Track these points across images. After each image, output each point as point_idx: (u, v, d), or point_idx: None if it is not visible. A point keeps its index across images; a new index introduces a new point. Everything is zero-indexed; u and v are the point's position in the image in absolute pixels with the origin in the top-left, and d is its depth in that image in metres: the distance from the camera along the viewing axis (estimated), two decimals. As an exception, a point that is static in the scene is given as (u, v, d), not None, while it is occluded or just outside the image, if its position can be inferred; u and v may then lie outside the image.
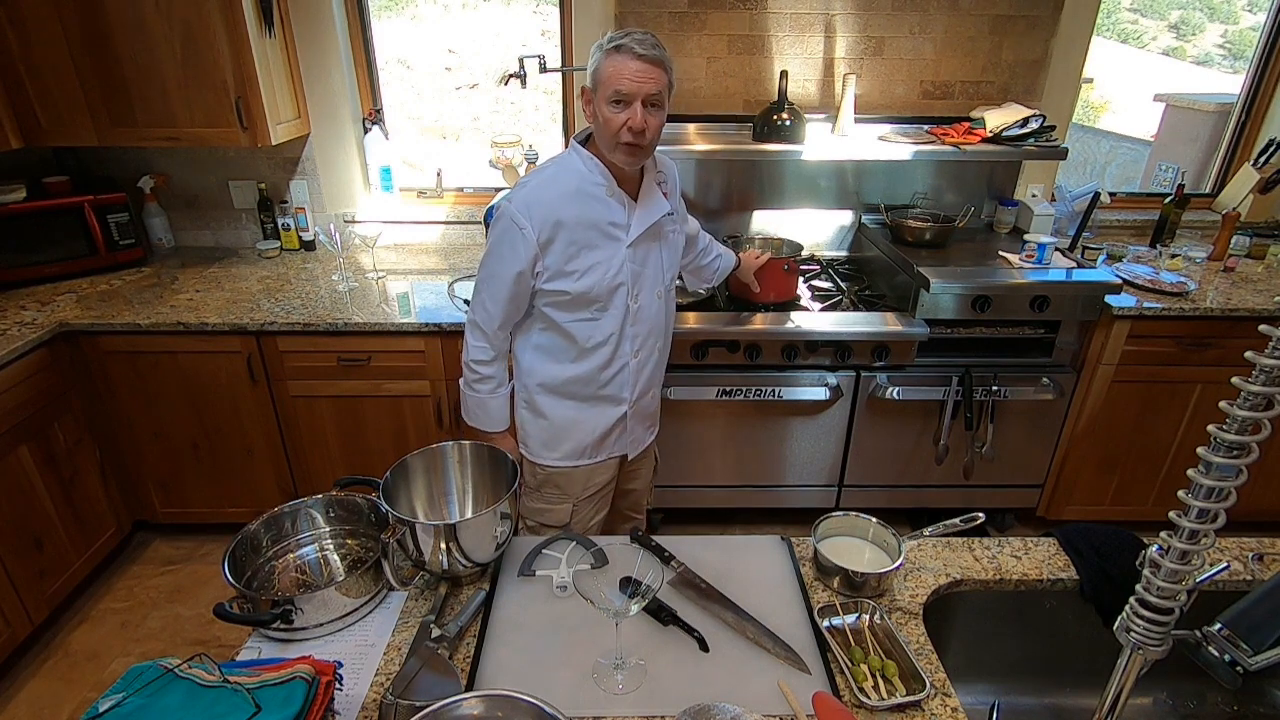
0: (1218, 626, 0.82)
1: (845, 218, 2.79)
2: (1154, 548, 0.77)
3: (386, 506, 1.10)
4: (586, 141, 1.47)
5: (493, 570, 1.20)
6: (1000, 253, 2.46)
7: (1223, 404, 0.69)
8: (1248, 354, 0.66)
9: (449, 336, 2.25)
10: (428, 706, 0.82)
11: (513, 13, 5.05)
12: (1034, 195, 2.71)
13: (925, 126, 2.54)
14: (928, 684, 0.97)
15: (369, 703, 0.97)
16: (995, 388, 2.34)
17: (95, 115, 2.30)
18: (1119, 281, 2.30)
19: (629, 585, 1.01)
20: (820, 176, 2.73)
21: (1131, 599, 0.80)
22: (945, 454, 2.47)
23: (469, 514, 1.27)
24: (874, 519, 1.23)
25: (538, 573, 1.19)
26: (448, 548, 1.10)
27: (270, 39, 2.37)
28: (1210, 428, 0.70)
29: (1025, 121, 2.39)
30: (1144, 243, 2.81)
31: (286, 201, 2.78)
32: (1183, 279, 2.42)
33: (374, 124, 2.73)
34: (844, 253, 2.84)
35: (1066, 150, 2.42)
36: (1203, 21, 7.62)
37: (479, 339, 1.57)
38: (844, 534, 1.24)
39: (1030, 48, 2.55)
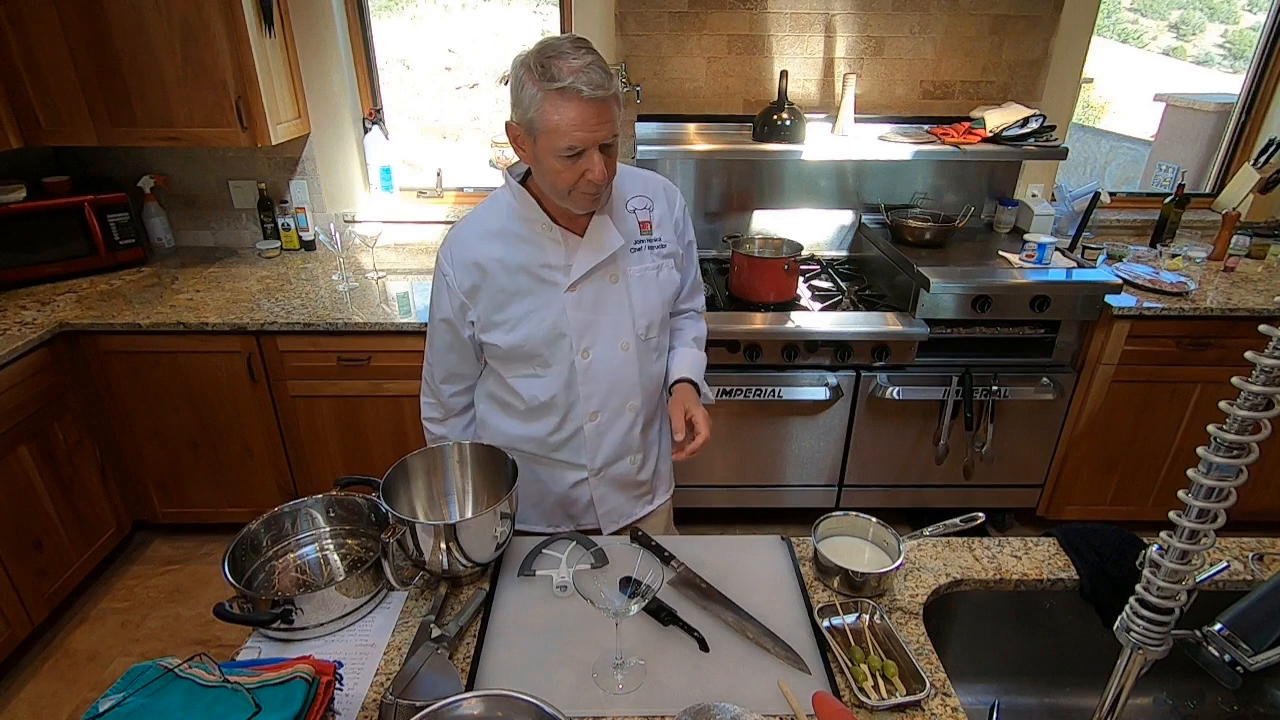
0: (1218, 626, 0.82)
1: (845, 218, 2.80)
2: (1154, 548, 0.77)
3: (386, 506, 1.10)
4: (528, 175, 1.25)
5: (493, 570, 1.20)
6: (1000, 253, 2.46)
7: (1223, 404, 0.69)
8: (1248, 354, 0.66)
9: (449, 336, 2.24)
10: (428, 706, 0.82)
11: (513, 13, 5.05)
12: (1034, 195, 2.71)
13: (925, 126, 2.54)
14: (928, 684, 0.97)
15: (369, 703, 0.97)
16: (995, 388, 2.34)
17: (95, 115, 2.30)
18: (1119, 281, 2.30)
19: (629, 585, 1.01)
20: (820, 176, 2.73)
21: (1131, 599, 0.80)
22: (945, 454, 2.47)
23: (469, 514, 1.27)
24: (874, 519, 1.22)
25: (538, 573, 1.19)
26: (448, 548, 1.10)
27: (270, 39, 2.37)
28: (1210, 428, 0.70)
29: (1025, 121, 2.40)
30: (1144, 243, 2.81)
31: (286, 201, 2.79)
32: (1183, 279, 2.42)
33: (374, 124, 2.73)
34: (844, 253, 2.84)
35: (1066, 150, 2.42)
36: (1203, 21, 7.62)
37: (427, 395, 1.45)
38: (844, 534, 1.24)
39: (1030, 48, 2.55)
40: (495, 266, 1.25)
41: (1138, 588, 0.79)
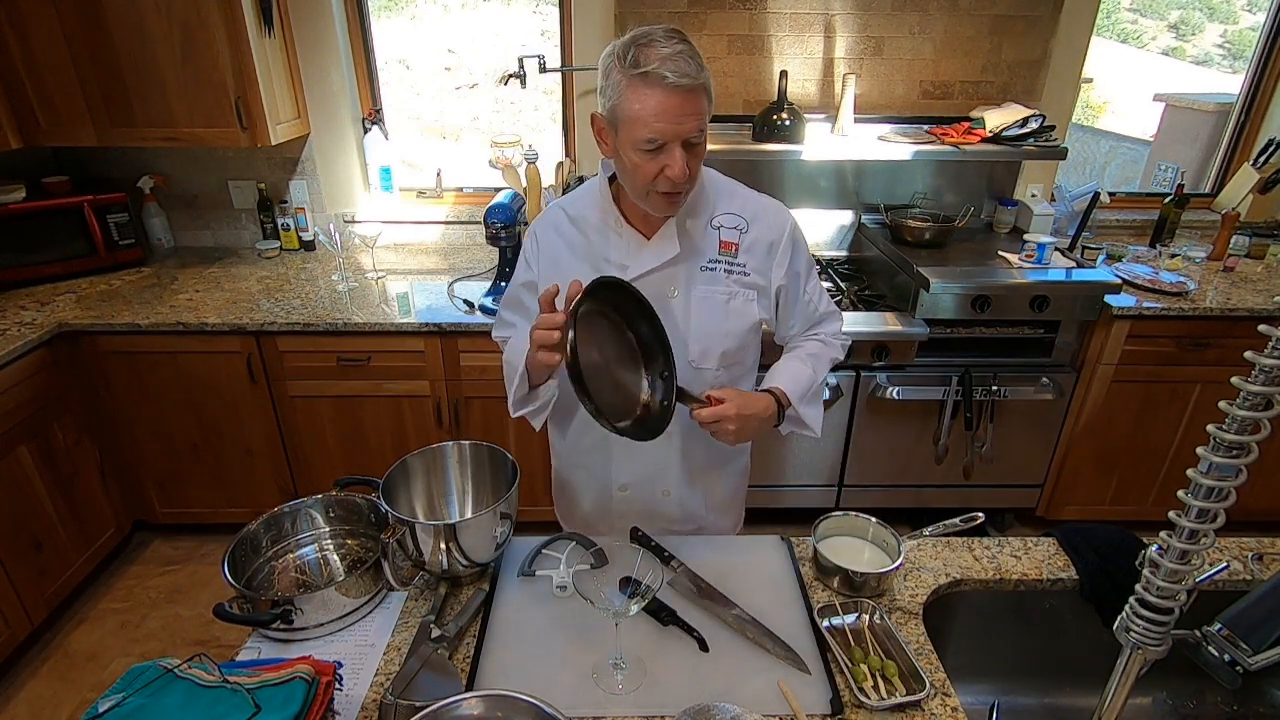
0: (1217, 626, 0.82)
1: (845, 218, 2.80)
2: (1154, 547, 0.77)
3: (386, 506, 1.10)
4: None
5: (493, 570, 1.20)
6: (1000, 253, 2.46)
7: (1222, 404, 0.69)
8: (1247, 354, 0.66)
9: (449, 336, 2.25)
10: (428, 706, 0.82)
11: (513, 13, 5.05)
12: (1034, 195, 2.71)
13: (925, 126, 2.54)
14: (928, 684, 0.97)
15: (369, 703, 0.97)
16: (995, 388, 2.34)
17: (95, 115, 2.30)
18: (1118, 281, 2.30)
19: (629, 585, 1.01)
20: (820, 176, 2.73)
21: (1131, 599, 0.80)
22: (945, 454, 2.47)
23: (469, 514, 1.27)
24: (874, 519, 1.22)
25: (538, 573, 1.19)
26: (447, 548, 1.10)
27: (270, 39, 2.37)
28: (1210, 428, 0.69)
29: (1025, 121, 2.40)
30: (1143, 243, 2.81)
31: (286, 201, 2.78)
32: (1182, 279, 2.42)
33: (374, 124, 2.73)
34: (844, 253, 2.84)
35: (1066, 150, 2.42)
36: (1202, 21, 7.62)
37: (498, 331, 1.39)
38: (844, 534, 1.24)
39: (1030, 48, 2.55)
40: (563, 250, 1.23)
41: (1137, 588, 0.79)
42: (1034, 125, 2.39)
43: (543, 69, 2.54)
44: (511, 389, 1.24)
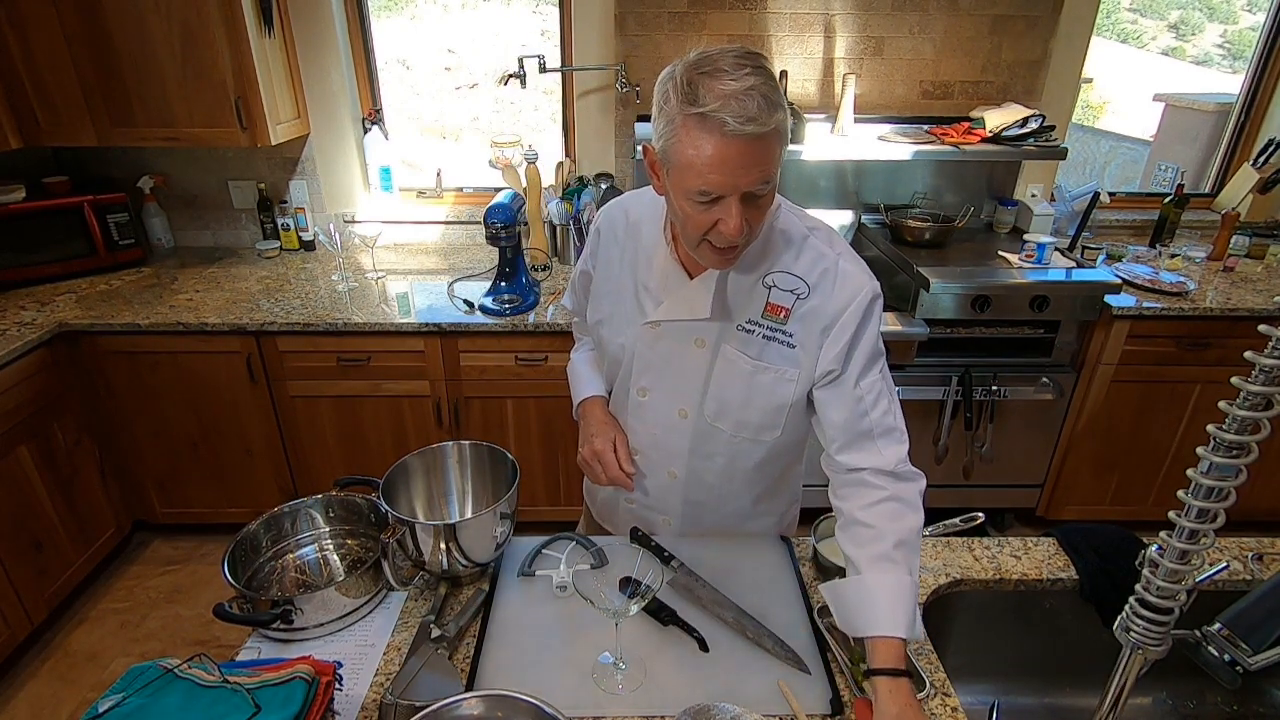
0: (1217, 626, 0.82)
1: (845, 218, 2.79)
2: (1153, 547, 0.77)
3: (386, 506, 1.10)
4: None
5: (493, 570, 1.20)
6: (1000, 253, 2.46)
7: (1222, 404, 0.69)
8: (1247, 354, 0.66)
9: (449, 336, 2.25)
10: (427, 706, 0.82)
11: (512, 13, 5.05)
12: (1034, 195, 2.71)
13: (925, 126, 2.54)
14: (928, 684, 0.97)
15: (369, 703, 0.97)
16: (995, 388, 2.34)
17: (95, 115, 2.30)
18: (1118, 281, 2.30)
19: (629, 585, 1.01)
20: (820, 176, 2.73)
21: (1131, 599, 0.80)
22: (945, 454, 2.47)
23: (469, 514, 1.27)
24: (874, 519, 1.22)
25: (538, 573, 1.19)
26: (447, 548, 1.10)
27: (270, 39, 2.37)
28: (1210, 427, 0.70)
29: (1025, 121, 2.40)
30: (1143, 242, 2.81)
31: (286, 201, 2.78)
32: (1182, 279, 2.42)
33: (374, 124, 2.73)
34: (844, 253, 2.84)
35: (1066, 150, 2.42)
36: (1202, 21, 7.63)
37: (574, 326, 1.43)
38: (844, 534, 1.24)
39: (1030, 48, 2.55)
40: (615, 256, 1.17)
41: (1137, 587, 0.79)
42: (1034, 125, 2.39)
43: (543, 69, 2.54)
44: (574, 409, 1.35)
